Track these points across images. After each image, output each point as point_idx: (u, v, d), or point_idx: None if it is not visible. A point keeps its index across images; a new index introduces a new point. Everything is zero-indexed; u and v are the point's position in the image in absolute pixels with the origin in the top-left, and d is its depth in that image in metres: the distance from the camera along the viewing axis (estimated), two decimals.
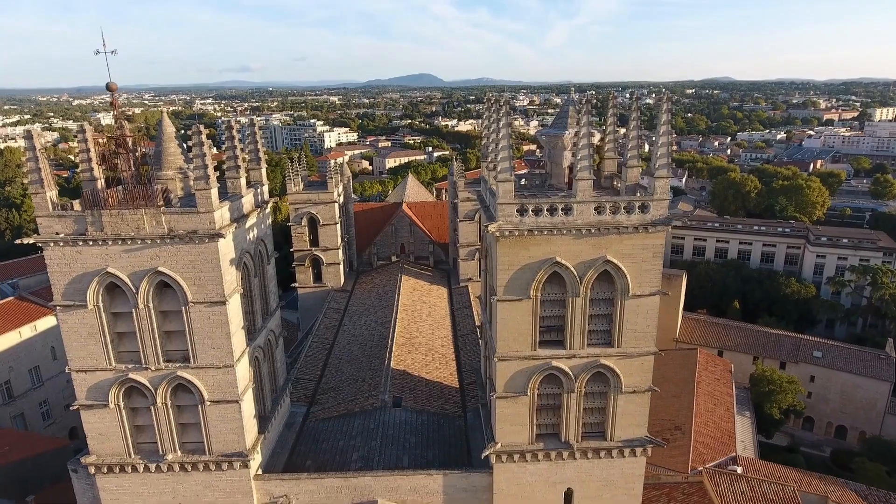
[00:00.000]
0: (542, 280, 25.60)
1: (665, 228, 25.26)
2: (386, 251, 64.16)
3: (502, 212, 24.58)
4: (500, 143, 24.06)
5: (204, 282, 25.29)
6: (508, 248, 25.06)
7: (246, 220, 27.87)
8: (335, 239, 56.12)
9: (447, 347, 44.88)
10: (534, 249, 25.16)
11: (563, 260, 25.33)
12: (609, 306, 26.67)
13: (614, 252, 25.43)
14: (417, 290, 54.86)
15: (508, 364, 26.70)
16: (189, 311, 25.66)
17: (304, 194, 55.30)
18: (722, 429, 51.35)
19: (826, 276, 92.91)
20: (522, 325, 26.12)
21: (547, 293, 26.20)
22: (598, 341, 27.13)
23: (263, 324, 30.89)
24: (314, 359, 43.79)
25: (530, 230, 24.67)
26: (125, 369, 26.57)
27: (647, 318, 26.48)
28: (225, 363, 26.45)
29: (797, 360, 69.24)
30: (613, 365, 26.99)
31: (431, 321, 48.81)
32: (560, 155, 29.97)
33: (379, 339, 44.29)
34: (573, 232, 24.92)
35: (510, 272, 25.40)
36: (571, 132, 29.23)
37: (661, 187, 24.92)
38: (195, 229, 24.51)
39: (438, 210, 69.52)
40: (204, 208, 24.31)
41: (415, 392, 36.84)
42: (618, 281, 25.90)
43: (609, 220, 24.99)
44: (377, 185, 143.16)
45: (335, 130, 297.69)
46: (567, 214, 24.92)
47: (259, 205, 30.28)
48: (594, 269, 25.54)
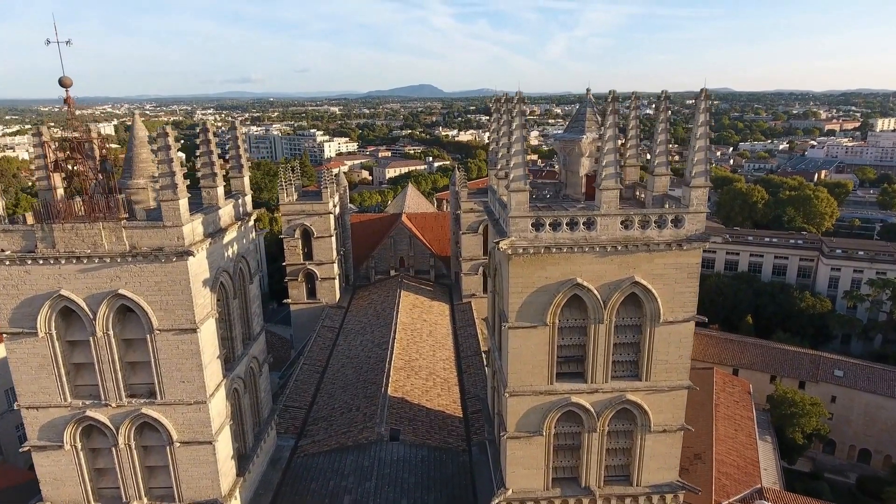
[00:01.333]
0: (560, 304, 22.31)
1: (702, 245, 22.01)
2: (384, 265, 60.91)
3: (515, 226, 21.35)
4: (512, 148, 20.89)
5: (171, 306, 22.00)
6: (522, 268, 21.80)
7: (223, 234, 24.62)
8: (330, 252, 52.88)
9: (449, 371, 41.47)
10: (551, 269, 21.89)
11: (585, 281, 22.05)
12: (636, 334, 23.34)
13: (643, 272, 22.16)
14: (417, 307, 51.53)
15: (521, 400, 23.32)
16: (155, 340, 22.34)
17: (297, 205, 52.16)
18: (745, 457, 47.74)
19: (842, 289, 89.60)
20: (537, 355, 22.78)
21: (566, 319, 22.89)
22: (623, 374, 23.78)
23: (244, 351, 27.53)
24: (305, 383, 40.35)
25: (547, 247, 21.42)
26: (82, 406, 23.21)
27: (681, 347, 23.15)
28: (196, 399, 23.07)
29: (817, 379, 65.70)
30: (641, 401, 23.61)
31: (432, 341, 45.43)
32: (577, 162, 26.84)
33: (376, 361, 40.90)
34: (596, 249, 21.66)
35: (524, 295, 22.11)
36: (589, 137, 26.15)
37: (697, 198, 21.71)
38: (161, 246, 21.26)
39: (440, 221, 66.36)
40: (171, 222, 21.07)
41: (414, 423, 33.39)
42: (647, 305, 22.61)
43: (638, 236, 21.75)
44: (376, 196, 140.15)
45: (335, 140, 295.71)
46: (589, 229, 21.68)
47: (240, 217, 27.05)
48: (620, 292, 22.26)
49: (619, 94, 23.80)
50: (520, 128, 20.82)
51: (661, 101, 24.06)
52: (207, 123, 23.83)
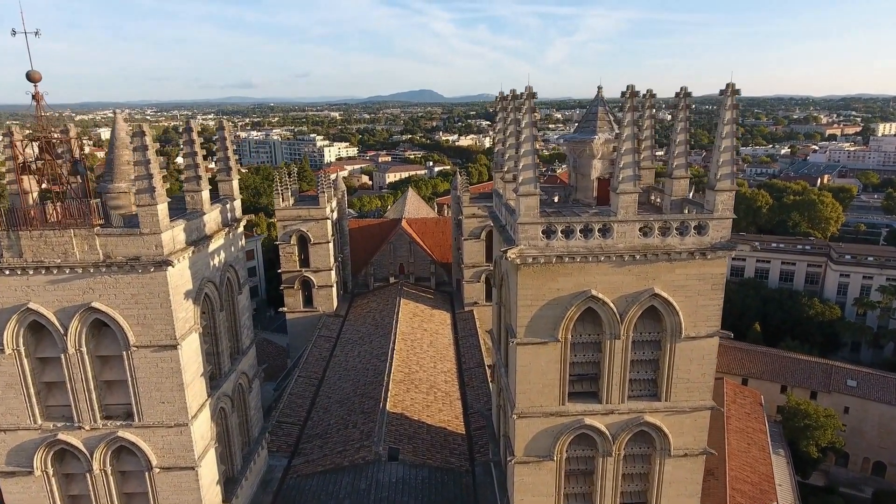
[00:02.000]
0: (573, 318, 20.50)
1: (728, 254, 20.22)
2: (384, 272, 59.09)
3: (524, 233, 19.57)
4: (521, 148, 19.13)
5: (150, 320, 20.19)
6: (532, 279, 19.99)
7: (209, 242, 22.84)
8: (327, 259, 51.08)
9: (451, 384, 39.58)
10: (563, 281, 20.09)
11: (600, 294, 20.23)
12: (655, 350, 21.51)
13: (663, 283, 20.35)
14: (418, 316, 49.67)
15: (530, 422, 21.46)
16: (131, 357, 20.53)
17: (293, 210, 50.39)
18: (759, 472, 45.74)
19: (851, 296, 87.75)
20: (548, 373, 20.95)
21: (579, 334, 21.06)
22: (641, 393, 21.93)
23: (233, 366, 25.69)
24: (300, 397, 38.46)
25: (559, 256, 19.62)
26: (54, 428, 21.37)
27: (704, 364, 21.31)
28: (177, 421, 21.23)
29: (829, 389, 63.73)
30: (660, 423, 21.75)
31: (433, 352, 43.56)
32: (588, 164, 25.11)
33: (374, 374, 39.02)
34: (613, 259, 19.87)
35: (533, 308, 20.30)
36: (602, 137, 24.43)
37: (722, 203, 19.93)
38: (138, 255, 19.48)
39: (441, 227, 64.55)
40: (148, 228, 19.30)
41: (414, 441, 31.48)
42: (667, 319, 20.79)
43: (658, 244, 19.95)
44: (376, 200, 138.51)
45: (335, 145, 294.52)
46: (605, 237, 19.89)
47: (228, 223, 25.28)
48: (638, 305, 20.45)
49: (617, 100, 22.05)
50: (529, 126, 19.07)
51: (681, 98, 22.33)
52: (191, 122, 22.07)
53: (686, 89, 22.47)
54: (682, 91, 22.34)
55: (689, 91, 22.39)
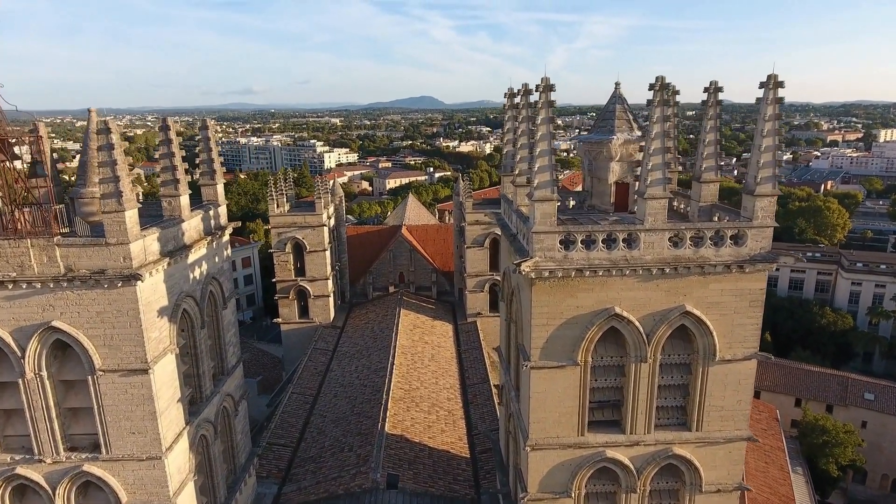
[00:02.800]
0: (594, 339, 18.24)
1: (768, 267, 17.99)
2: (383, 280, 56.82)
3: (540, 244, 17.34)
4: (537, 148, 16.94)
5: (117, 341, 17.93)
6: (548, 295, 17.75)
7: (188, 252, 20.59)
8: (324, 268, 48.84)
9: (454, 402, 37.23)
10: (584, 297, 17.84)
11: (625, 311, 17.99)
12: (685, 374, 19.24)
13: (696, 300, 18.11)
14: (419, 328, 47.36)
15: (545, 455, 19.15)
16: (97, 383, 18.25)
17: (288, 217, 48.19)
18: (779, 493, 43.34)
19: (863, 304, 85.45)
20: (565, 401, 18.66)
21: (600, 357, 18.80)
22: (669, 422, 19.63)
23: (216, 389, 23.38)
24: (293, 416, 36.11)
25: (579, 270, 17.38)
26: (11, 462, 19.06)
27: (739, 390, 19.03)
28: (150, 454, 18.92)
29: (846, 402, 61.31)
30: (690, 455, 19.45)
31: (435, 367, 41.23)
32: (605, 167, 22.91)
33: (372, 390, 36.69)
34: (639, 272, 17.63)
35: (549, 328, 18.04)
36: (620, 138, 22.25)
37: (763, 209, 17.72)
38: (103, 268, 17.24)
39: (442, 234, 62.36)
40: (115, 238, 17.07)
41: (415, 466, 29.12)
42: (699, 340, 18.54)
43: (690, 256, 17.72)
44: (376, 207, 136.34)
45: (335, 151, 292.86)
46: (631, 247, 17.66)
47: (211, 231, 23.04)
48: (667, 324, 18.20)
49: None
50: (546, 123, 16.88)
51: (711, 93, 20.20)
52: (168, 121, 19.89)
53: (716, 83, 20.35)
54: (713, 86, 20.23)
55: (720, 85, 20.28)
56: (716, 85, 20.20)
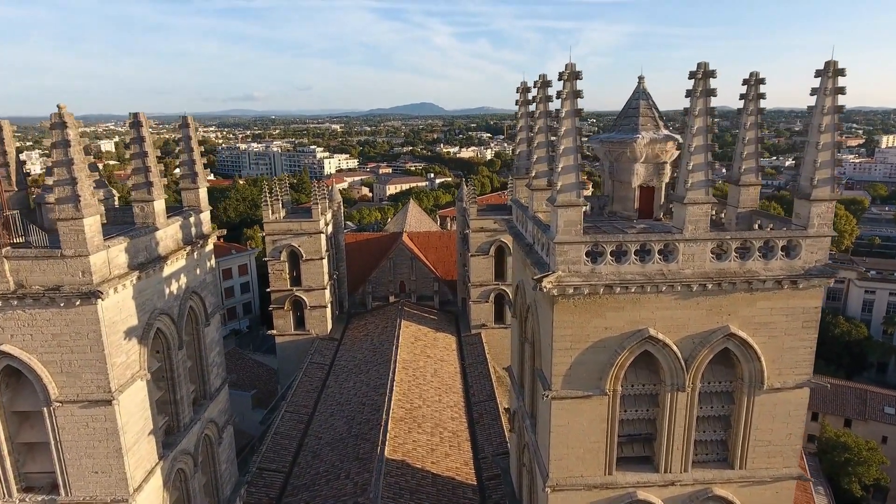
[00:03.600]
0: (624, 365, 15.90)
1: (825, 282, 15.68)
2: (383, 290, 54.44)
3: (563, 255, 15.02)
4: (561, 146, 14.66)
5: (76, 368, 15.59)
6: (572, 315, 15.41)
7: (162, 264, 18.28)
8: (321, 277, 46.50)
9: (459, 421, 34.78)
10: (613, 317, 15.51)
11: (660, 333, 15.66)
12: (727, 404, 16.88)
13: (741, 320, 15.78)
14: (420, 340, 44.96)
15: (567, 496, 16.74)
16: (54, 416, 15.89)
17: (283, 223, 45.88)
18: None
19: (877, 313, 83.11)
20: (591, 435, 16.28)
21: (630, 385, 16.45)
22: (709, 458, 17.25)
23: (196, 416, 20.97)
24: (286, 437, 33.66)
25: (608, 286, 15.05)
26: None
27: (790, 423, 16.67)
28: (115, 496, 16.52)
29: (865, 417, 58.87)
30: (733, 496, 17.04)
31: (438, 383, 38.81)
32: (628, 170, 20.62)
33: (371, 409, 34.27)
34: (677, 288, 15.31)
35: (573, 353, 15.70)
36: (646, 137, 19.97)
37: (819, 216, 15.43)
38: (59, 284, 14.93)
39: (444, 241, 60.07)
40: (72, 250, 14.77)
41: (417, 496, 26.67)
42: (744, 365, 16.20)
43: (735, 270, 15.40)
44: (376, 213, 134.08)
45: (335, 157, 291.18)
46: (668, 260, 15.35)
47: (192, 240, 20.73)
48: (709, 348, 15.86)
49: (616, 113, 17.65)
50: (571, 117, 14.60)
51: (752, 86, 17.95)
52: (140, 116, 17.61)
53: (758, 74, 18.11)
54: (754, 77, 17.98)
55: (762, 77, 18.03)
56: (757, 76, 17.97)
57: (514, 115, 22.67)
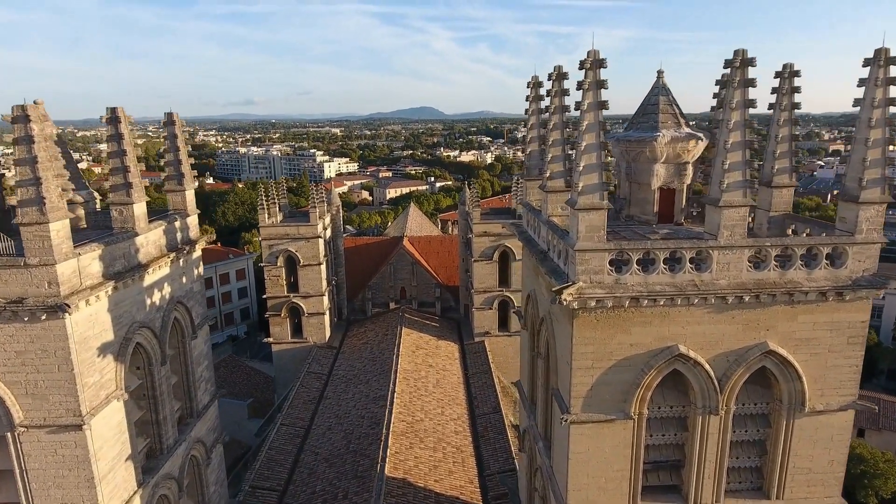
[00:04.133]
0: (651, 386, 14.35)
1: (873, 294, 14.17)
2: (383, 296, 52.89)
3: (585, 264, 13.50)
4: (582, 142, 13.15)
5: (43, 389, 14.05)
6: (594, 330, 13.87)
7: (143, 273, 16.76)
8: (319, 283, 44.95)
9: (462, 436, 33.17)
10: (639, 332, 13.97)
11: (692, 351, 14.12)
12: (763, 427, 15.32)
13: (781, 336, 14.24)
14: (422, 348, 43.38)
15: None
16: (19, 442, 14.33)
17: (280, 227, 44.38)
18: None
19: (887, 319, 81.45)
20: (614, 463, 14.72)
21: (657, 407, 14.90)
22: (742, 486, 15.67)
23: (181, 436, 19.40)
24: (281, 452, 32.05)
25: (635, 298, 13.52)
26: None
27: (832, 448, 15.11)
28: None
29: (879, 426, 57.13)
30: None
31: (440, 394, 37.21)
32: (647, 171, 19.11)
33: (370, 423, 32.69)
34: (711, 301, 13.77)
35: (595, 372, 14.15)
36: (667, 135, 18.50)
37: (868, 220, 13.92)
38: (22, 296, 13.40)
39: (446, 246, 58.55)
40: (37, 258, 13.25)
41: None
42: (783, 385, 14.65)
43: (775, 280, 13.87)
44: (376, 216, 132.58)
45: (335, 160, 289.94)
46: (700, 269, 13.82)
47: (177, 246, 19.22)
48: (745, 367, 14.31)
49: (615, 117, 16.32)
50: (594, 109, 13.09)
51: (786, 78, 16.47)
52: (119, 111, 16.12)
53: (792, 67, 16.63)
54: (788, 70, 16.50)
55: (797, 69, 16.56)
56: (791, 68, 16.50)
57: (513, 120, 21.30)
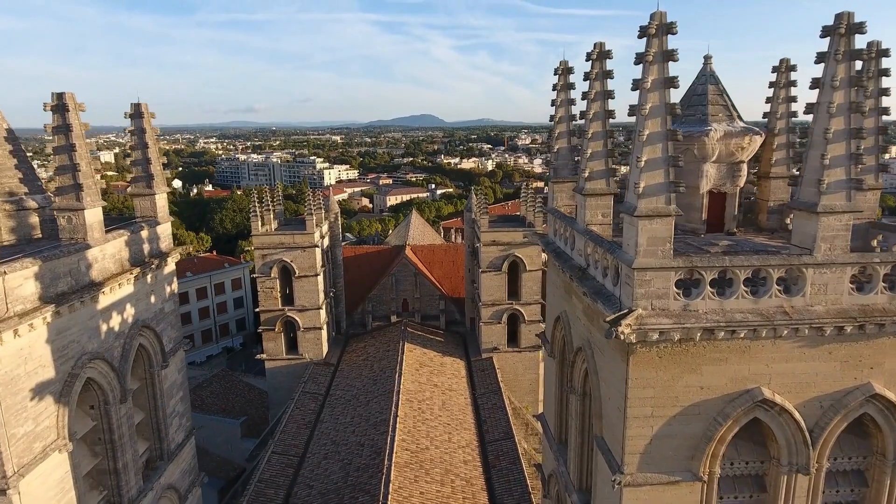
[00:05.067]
0: (726, 439, 11.39)
1: None
2: (384, 308, 49.89)
3: (645, 287, 10.58)
4: (646, 131, 10.28)
5: None
6: (655, 370, 10.94)
7: (97, 292, 13.85)
8: (315, 295, 42.01)
9: (472, 465, 30.10)
10: (712, 372, 11.04)
11: (777, 395, 11.18)
12: (858, 486, 12.33)
13: (889, 375, 11.29)
14: (426, 366, 40.36)
15: None
16: None
17: (274, 236, 41.48)
18: None
19: None
20: None
21: (729, 462, 11.92)
22: None
23: (148, 484, 16.39)
24: (271, 485, 28.97)
25: (710, 329, 10.61)
26: None
27: None
28: None
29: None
30: None
31: (447, 417, 34.17)
32: (694, 172, 16.25)
33: (370, 451, 29.64)
34: (804, 332, 10.85)
35: (655, 422, 11.20)
36: (720, 130, 15.76)
37: None
38: None
39: (450, 255, 55.62)
40: None
41: None
42: (887, 436, 11.70)
43: (885, 306, 10.95)
44: (376, 224, 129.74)
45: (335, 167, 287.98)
46: (790, 293, 10.91)
47: (144, 260, 16.32)
48: (842, 414, 11.37)
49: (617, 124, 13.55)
50: (659, 89, 10.23)
51: (872, 59, 13.65)
52: (66, 96, 13.27)
53: (880, 44, 13.84)
54: (875, 48, 13.69)
55: (886, 48, 13.75)
56: (878, 46, 13.71)
57: (514, 127, 18.60)
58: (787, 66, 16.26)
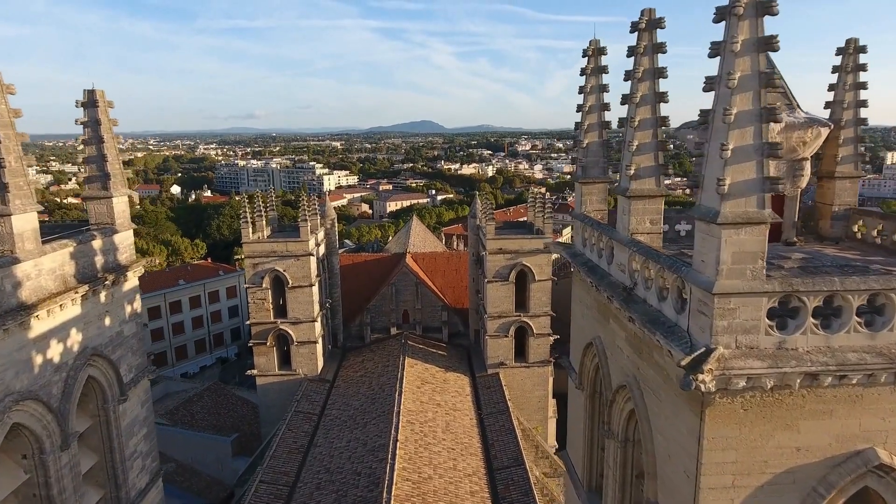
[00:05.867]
0: None
1: None
2: (383, 320, 47.19)
3: (729, 317, 7.95)
4: (733, 109, 7.71)
5: None
6: (739, 427, 8.29)
7: (26, 317, 11.23)
8: (310, 307, 39.34)
9: (480, 497, 27.33)
10: (812, 429, 8.39)
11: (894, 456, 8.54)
12: None
13: None
14: (428, 383, 37.64)
15: None
16: None
17: (266, 244, 38.86)
18: None
19: None
20: None
21: None
22: None
23: None
24: None
25: (813, 374, 7.99)
26: None
27: None
28: None
29: None
30: None
31: (451, 441, 31.42)
32: None
33: (367, 482, 26.93)
34: None
35: (738, 494, 8.52)
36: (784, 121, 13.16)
37: None
38: None
39: (453, 263, 53.02)
40: None
41: None
42: None
43: None
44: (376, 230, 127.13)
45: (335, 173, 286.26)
46: None
47: (95, 276, 13.69)
48: None
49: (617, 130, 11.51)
50: (751, 52, 7.67)
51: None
52: None
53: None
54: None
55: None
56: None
57: (514, 133, 16.12)
58: (856, 48, 13.68)
